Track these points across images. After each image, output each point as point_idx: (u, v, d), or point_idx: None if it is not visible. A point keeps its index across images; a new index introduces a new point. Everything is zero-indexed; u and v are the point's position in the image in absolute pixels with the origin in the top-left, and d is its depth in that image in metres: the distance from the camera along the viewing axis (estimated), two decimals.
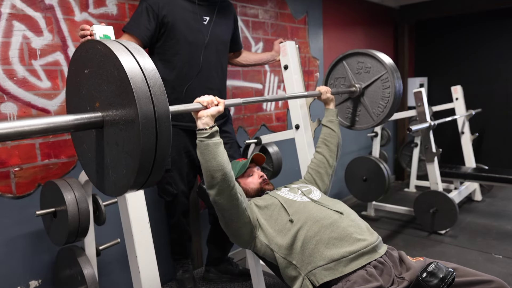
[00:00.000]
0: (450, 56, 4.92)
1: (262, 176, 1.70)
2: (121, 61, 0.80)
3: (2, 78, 1.71)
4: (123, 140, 0.84)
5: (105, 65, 0.84)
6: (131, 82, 0.78)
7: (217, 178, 1.31)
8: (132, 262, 1.42)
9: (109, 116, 0.86)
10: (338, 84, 2.11)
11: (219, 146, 1.32)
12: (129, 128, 0.81)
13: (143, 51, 0.87)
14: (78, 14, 1.94)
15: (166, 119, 0.83)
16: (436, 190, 3.12)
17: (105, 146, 0.90)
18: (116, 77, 0.81)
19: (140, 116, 0.78)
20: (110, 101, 0.85)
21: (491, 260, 2.62)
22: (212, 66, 2.06)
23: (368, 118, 2.03)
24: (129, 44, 0.86)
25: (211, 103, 1.32)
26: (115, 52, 0.81)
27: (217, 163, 1.30)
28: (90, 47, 0.88)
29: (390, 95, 1.93)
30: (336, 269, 1.26)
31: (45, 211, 1.55)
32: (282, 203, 1.46)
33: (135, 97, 0.78)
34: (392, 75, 1.90)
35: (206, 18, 2.02)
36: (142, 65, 0.82)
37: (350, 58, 2.05)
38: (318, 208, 1.43)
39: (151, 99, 0.80)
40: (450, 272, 1.13)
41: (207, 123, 1.31)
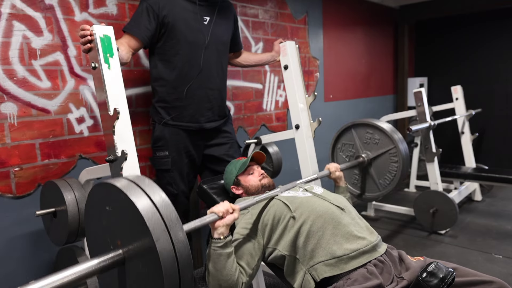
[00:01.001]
0: (450, 56, 4.92)
1: (262, 173, 1.70)
2: (135, 203, 0.85)
3: (2, 78, 1.71)
4: (146, 276, 0.87)
5: (123, 206, 0.89)
6: (146, 222, 0.83)
7: (221, 286, 1.29)
8: None
9: (130, 252, 0.90)
10: (346, 150, 2.14)
11: (231, 256, 1.30)
12: (150, 262, 0.84)
13: (156, 187, 0.92)
14: (78, 14, 1.94)
15: (184, 246, 0.86)
16: (436, 190, 3.12)
17: (127, 284, 0.93)
18: (133, 218, 0.86)
19: (159, 249, 0.82)
20: (130, 237, 0.90)
21: (491, 260, 2.62)
22: (213, 66, 2.06)
23: (374, 187, 2.05)
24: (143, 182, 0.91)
25: (226, 212, 1.28)
26: (130, 196, 0.87)
27: (226, 273, 1.28)
28: (110, 189, 0.93)
29: (397, 170, 1.94)
30: (337, 266, 1.26)
31: (45, 211, 1.55)
32: (283, 201, 1.46)
33: (151, 231, 0.82)
34: (401, 151, 1.91)
35: (207, 18, 2.02)
36: (155, 201, 0.88)
37: (358, 128, 2.08)
38: (320, 202, 1.43)
39: (167, 231, 0.85)
40: (450, 272, 1.13)
41: (222, 233, 1.28)
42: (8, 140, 1.74)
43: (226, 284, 1.28)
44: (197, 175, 2.27)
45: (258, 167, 1.75)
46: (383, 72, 4.63)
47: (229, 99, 2.72)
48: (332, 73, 3.73)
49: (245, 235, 1.43)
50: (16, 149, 1.76)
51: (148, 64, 2.14)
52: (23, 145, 1.78)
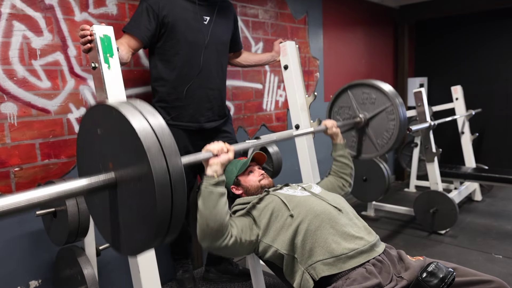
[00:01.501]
0: (450, 56, 4.92)
1: (262, 174, 1.70)
2: (133, 124, 0.81)
3: (2, 78, 1.71)
4: (138, 201, 0.84)
5: (118, 128, 0.85)
6: (143, 143, 0.79)
7: (212, 228, 1.28)
8: (132, 262, 1.42)
9: (123, 176, 0.86)
10: (342, 113, 2.11)
11: (223, 196, 1.30)
12: (144, 188, 0.81)
13: (154, 112, 0.87)
14: (78, 14, 1.94)
15: (180, 175, 0.83)
16: (436, 190, 3.12)
17: (119, 207, 0.90)
18: (129, 139, 0.82)
19: (154, 174, 0.78)
20: (124, 162, 0.86)
21: (491, 260, 2.62)
22: (213, 66, 2.06)
23: (371, 147, 2.03)
24: (140, 105, 0.87)
25: (221, 151, 1.30)
26: (127, 116, 0.82)
27: (216, 212, 1.27)
28: (103, 109, 0.90)
29: (394, 128, 1.93)
30: (335, 265, 1.27)
31: (45, 211, 1.55)
32: (282, 199, 1.47)
33: (148, 157, 0.78)
34: (397, 107, 1.90)
35: (206, 18, 2.02)
36: (153, 125, 0.83)
37: (355, 89, 2.06)
38: (318, 202, 1.43)
39: (164, 157, 0.81)
40: (450, 272, 1.13)
41: (216, 171, 1.29)
42: (8, 140, 1.74)
43: (215, 225, 1.27)
44: (196, 175, 2.27)
45: (258, 167, 1.75)
46: (383, 72, 4.63)
47: (229, 99, 2.72)
48: (332, 73, 3.73)
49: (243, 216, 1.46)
50: (16, 149, 1.76)
51: (148, 64, 2.14)
52: (23, 145, 1.78)
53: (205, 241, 1.31)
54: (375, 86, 1.96)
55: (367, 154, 2.06)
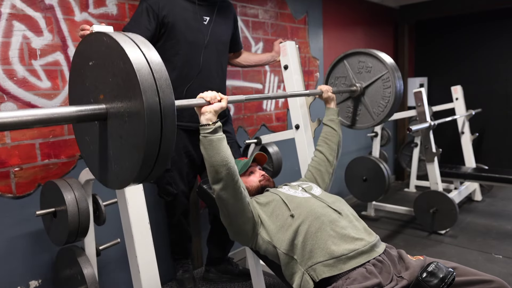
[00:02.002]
0: (450, 56, 4.92)
1: (263, 175, 1.70)
2: (127, 53, 0.79)
3: (2, 78, 1.71)
4: (128, 133, 0.83)
5: (111, 57, 0.83)
6: (137, 74, 0.77)
7: (221, 173, 1.32)
8: (132, 262, 1.42)
9: (114, 108, 0.85)
10: (339, 84, 2.11)
11: (223, 141, 1.33)
12: (134, 120, 0.80)
13: (149, 44, 0.86)
14: (78, 14, 1.94)
15: (172, 112, 0.82)
16: (436, 190, 3.12)
17: (108, 138, 0.89)
18: (122, 69, 0.80)
19: (146, 108, 0.77)
20: (115, 93, 0.84)
21: (491, 260, 2.62)
22: (212, 66, 2.06)
23: (368, 117, 2.03)
24: (135, 36, 0.86)
25: (214, 98, 1.33)
26: (121, 44, 0.80)
27: (221, 158, 1.31)
28: (95, 38, 0.88)
29: (390, 95, 1.93)
30: (335, 266, 1.27)
31: (45, 211, 1.55)
32: (283, 198, 1.47)
33: (141, 89, 0.77)
34: (393, 74, 1.91)
35: (206, 18, 2.02)
36: (148, 57, 0.82)
37: (351, 58, 2.05)
38: (319, 204, 1.43)
39: (157, 92, 0.79)
40: (450, 272, 1.13)
41: (210, 119, 1.32)
42: (8, 140, 1.74)
43: (223, 168, 1.31)
44: (197, 175, 2.27)
45: (259, 168, 1.76)
46: None
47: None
48: None
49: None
50: (16, 149, 1.76)
51: None
52: (23, 145, 1.78)
53: (217, 184, 1.34)
54: (371, 54, 1.96)
55: (363, 124, 2.06)
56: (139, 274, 1.39)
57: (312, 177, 1.78)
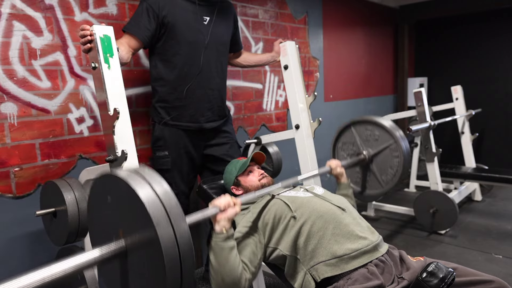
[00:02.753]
0: (450, 56, 4.92)
1: (262, 173, 1.70)
2: (138, 194, 0.84)
3: (2, 78, 1.71)
4: (147, 268, 0.86)
5: (125, 197, 0.89)
6: (149, 212, 0.82)
7: (228, 282, 1.28)
8: None
9: (132, 243, 0.89)
10: (346, 148, 2.13)
11: (234, 250, 1.30)
12: (152, 253, 0.83)
13: (159, 178, 0.90)
14: (78, 14, 1.94)
15: (187, 238, 0.86)
16: (436, 190, 3.12)
17: (129, 275, 0.92)
18: (135, 207, 0.85)
19: (161, 240, 0.81)
20: (132, 229, 0.89)
21: (491, 260, 2.62)
22: (213, 66, 2.06)
23: (377, 184, 2.03)
24: (146, 173, 0.90)
25: (228, 205, 1.29)
26: (133, 186, 0.85)
27: (229, 267, 1.27)
28: (111, 180, 0.94)
29: (399, 165, 1.93)
30: (337, 266, 1.26)
31: (45, 211, 1.55)
32: (284, 201, 1.46)
33: (154, 223, 0.81)
34: (401, 144, 1.90)
35: (206, 18, 2.02)
36: (158, 193, 0.86)
37: (358, 125, 2.08)
38: (321, 202, 1.43)
39: (169, 222, 0.84)
40: (450, 272, 1.13)
41: (224, 226, 1.28)
42: (8, 140, 1.74)
43: (229, 279, 1.27)
44: (197, 175, 2.27)
45: (258, 167, 1.75)
46: (383, 72, 4.63)
47: (229, 99, 2.72)
48: (332, 73, 3.73)
49: (246, 233, 1.43)
50: (16, 149, 1.76)
51: (148, 64, 2.14)
52: (23, 145, 1.78)
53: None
54: (377, 124, 1.97)
55: (372, 190, 2.06)
56: None
57: None
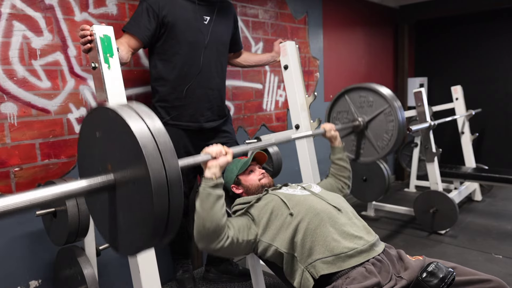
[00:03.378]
0: (450, 56, 4.92)
1: (263, 173, 1.71)
2: (131, 126, 0.82)
3: (2, 78, 1.71)
4: (136, 201, 0.86)
5: (116, 130, 0.87)
6: (141, 145, 0.81)
7: (208, 229, 1.30)
8: (132, 262, 1.42)
9: (121, 177, 0.88)
10: (341, 118, 2.11)
11: (221, 199, 1.32)
12: (141, 189, 0.83)
13: (152, 114, 0.89)
14: (78, 14, 1.94)
15: (177, 175, 0.85)
16: (436, 190, 3.12)
17: (117, 208, 0.92)
18: (126, 141, 0.84)
19: (152, 175, 0.80)
20: (122, 163, 0.88)
21: (491, 260, 2.62)
22: (212, 66, 2.06)
23: (372, 150, 2.03)
24: (138, 107, 0.89)
25: (219, 153, 1.31)
26: (125, 118, 0.84)
27: (213, 214, 1.29)
28: (101, 113, 0.92)
29: (394, 129, 1.93)
30: (334, 263, 1.27)
31: (45, 211, 1.55)
32: (282, 198, 1.47)
33: (146, 158, 0.80)
34: (395, 108, 1.90)
35: (207, 18, 2.02)
36: (151, 127, 0.85)
37: (352, 93, 2.07)
38: (318, 201, 1.44)
39: (161, 159, 0.82)
40: (450, 272, 1.14)
41: (215, 173, 1.30)
42: (8, 140, 1.74)
43: (211, 226, 1.29)
44: (197, 175, 2.27)
45: (259, 167, 1.76)
46: (383, 72, 4.63)
47: (229, 99, 2.72)
48: (332, 73, 3.73)
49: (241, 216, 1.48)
50: (16, 149, 1.76)
51: (148, 64, 2.14)
52: (23, 145, 1.78)
53: (201, 242, 1.33)
54: (371, 89, 1.97)
55: (367, 157, 2.06)
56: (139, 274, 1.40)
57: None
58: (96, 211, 1.03)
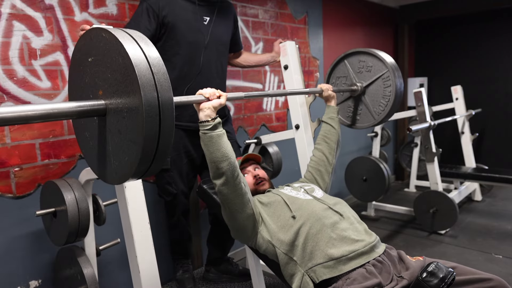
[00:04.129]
0: (450, 56, 4.92)
1: (256, 176, 1.69)
2: (126, 48, 0.80)
3: (2, 78, 1.71)
4: (126, 128, 0.84)
5: (110, 53, 0.84)
6: (135, 69, 0.78)
7: (222, 168, 1.32)
8: (132, 262, 1.42)
9: (112, 104, 0.86)
10: (340, 83, 2.11)
11: (223, 137, 1.33)
12: (133, 116, 0.81)
13: (147, 40, 0.86)
14: (78, 14, 1.94)
15: (170, 107, 0.83)
16: (436, 190, 3.12)
17: (107, 134, 0.90)
18: (120, 64, 0.81)
19: (144, 104, 0.78)
20: (114, 89, 0.85)
21: (491, 260, 2.62)
22: (213, 66, 2.06)
23: (369, 116, 2.03)
24: (133, 32, 0.86)
25: (213, 95, 1.33)
26: (120, 39, 0.81)
27: (221, 153, 1.32)
28: (94, 34, 0.89)
29: (391, 94, 1.93)
30: (335, 267, 1.27)
31: (45, 211, 1.55)
32: (285, 200, 1.47)
33: (140, 84, 0.78)
34: (393, 73, 1.91)
35: (206, 18, 2.02)
36: (146, 53, 0.82)
37: (351, 57, 2.05)
38: (320, 206, 1.44)
39: (155, 87, 0.80)
40: (450, 272, 1.13)
41: (209, 115, 1.31)
42: (8, 140, 1.74)
43: (224, 164, 1.32)
44: (197, 175, 2.27)
45: (255, 167, 1.74)
46: None
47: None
48: None
49: None
50: (16, 149, 1.76)
51: None
52: (23, 145, 1.78)
53: (219, 179, 1.35)
54: (371, 53, 1.97)
55: (364, 123, 2.07)
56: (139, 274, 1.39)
57: (312, 178, 1.77)
58: (85, 140, 1.02)
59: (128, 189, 1.37)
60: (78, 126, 1.06)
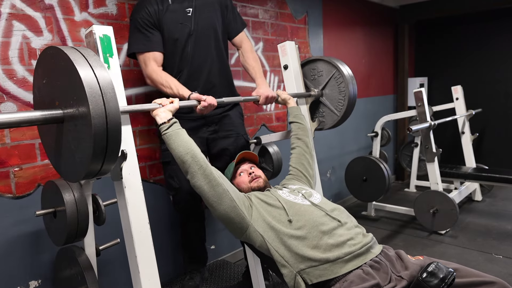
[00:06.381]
0: (450, 56, 4.92)
1: (251, 174, 1.68)
2: (77, 69, 0.96)
3: (2, 78, 1.71)
4: (79, 133, 1.01)
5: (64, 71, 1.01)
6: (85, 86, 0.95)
7: (187, 161, 1.39)
8: (132, 262, 1.42)
9: (69, 113, 1.04)
10: None
11: (181, 133, 1.42)
12: (85, 123, 0.98)
13: (97, 58, 1.03)
14: (78, 14, 1.94)
15: (116, 115, 1.00)
16: (436, 190, 3.12)
17: (63, 138, 1.09)
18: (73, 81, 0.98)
19: (92, 112, 0.95)
20: (70, 101, 1.03)
21: (491, 260, 2.61)
22: (202, 52, 2.00)
23: (332, 115, 2.15)
24: (84, 51, 1.02)
25: (165, 101, 1.45)
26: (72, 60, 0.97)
27: (183, 148, 1.39)
28: (52, 53, 1.06)
29: (345, 88, 2.06)
30: (330, 270, 1.26)
31: (45, 211, 1.55)
32: (282, 204, 1.46)
33: (88, 98, 0.95)
34: (340, 70, 2.05)
35: (189, 9, 1.98)
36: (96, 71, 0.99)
37: (303, 68, 2.17)
38: (318, 213, 1.43)
39: (102, 99, 0.97)
40: (450, 272, 1.13)
41: (165, 117, 1.42)
42: (8, 140, 1.73)
43: (187, 157, 1.39)
44: None
45: (251, 166, 1.74)
46: (383, 72, 4.63)
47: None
48: None
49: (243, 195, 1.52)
50: (16, 149, 1.76)
51: None
52: (23, 145, 1.78)
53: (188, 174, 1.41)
54: (318, 59, 2.13)
55: (330, 123, 2.19)
56: (139, 274, 1.39)
57: (299, 173, 1.78)
58: (49, 145, 1.20)
59: (128, 189, 1.37)
60: (42, 131, 1.23)
